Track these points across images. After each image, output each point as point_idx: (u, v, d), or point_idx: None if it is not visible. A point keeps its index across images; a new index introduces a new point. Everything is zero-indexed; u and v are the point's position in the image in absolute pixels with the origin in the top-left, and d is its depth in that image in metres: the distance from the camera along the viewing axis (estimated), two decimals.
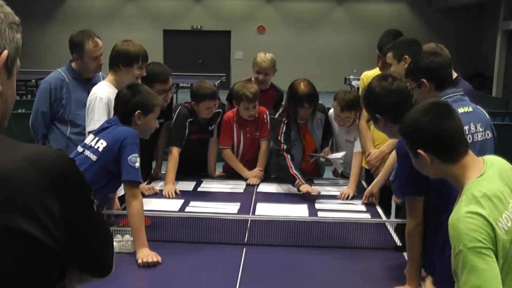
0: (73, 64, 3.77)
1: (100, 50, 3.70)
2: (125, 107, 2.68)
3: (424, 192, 2.17)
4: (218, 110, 3.83)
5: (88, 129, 3.16)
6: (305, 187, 3.43)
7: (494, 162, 1.81)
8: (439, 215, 2.11)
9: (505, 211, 1.65)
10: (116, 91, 3.03)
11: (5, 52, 1.04)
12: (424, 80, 2.62)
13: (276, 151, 3.66)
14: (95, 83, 3.58)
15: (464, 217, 1.61)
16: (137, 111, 2.65)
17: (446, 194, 2.12)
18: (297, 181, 3.46)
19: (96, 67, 3.72)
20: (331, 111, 3.84)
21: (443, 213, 2.12)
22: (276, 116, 3.75)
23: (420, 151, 1.83)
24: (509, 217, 1.65)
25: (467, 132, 2.61)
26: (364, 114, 3.70)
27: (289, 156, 3.59)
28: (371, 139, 3.62)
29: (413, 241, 2.19)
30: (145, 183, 3.58)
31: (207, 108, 3.69)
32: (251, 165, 3.96)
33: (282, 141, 3.63)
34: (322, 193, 3.49)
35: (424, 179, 2.11)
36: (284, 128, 3.65)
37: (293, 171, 3.52)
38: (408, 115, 1.93)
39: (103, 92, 3.20)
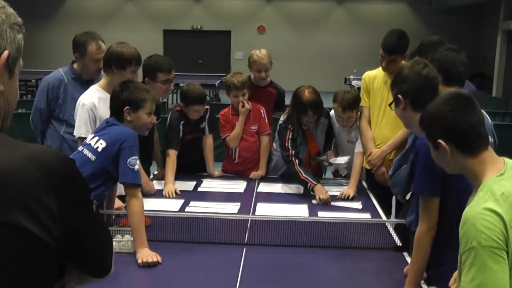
0: (75, 65, 3.79)
1: (102, 53, 3.67)
2: (114, 103, 2.68)
3: (440, 192, 2.13)
4: (205, 107, 3.88)
5: (74, 133, 3.21)
6: (318, 190, 3.42)
7: None
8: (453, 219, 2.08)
9: None
10: (106, 94, 3.04)
11: (6, 52, 1.05)
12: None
13: (285, 157, 3.66)
14: None
15: (481, 214, 1.56)
16: (125, 107, 2.63)
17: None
18: (309, 184, 3.48)
19: (96, 69, 3.72)
20: (333, 111, 3.84)
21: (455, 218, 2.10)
22: (281, 122, 3.75)
23: (440, 141, 1.76)
24: None
25: None
26: (365, 113, 3.70)
27: (297, 161, 3.59)
28: (372, 138, 3.62)
29: (423, 245, 2.13)
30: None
31: (195, 111, 3.77)
32: (249, 163, 4.03)
33: (290, 147, 3.63)
34: None
35: (441, 179, 2.08)
36: (291, 135, 3.66)
37: (304, 176, 3.52)
38: (429, 105, 1.87)
39: (87, 98, 3.21)
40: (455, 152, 1.75)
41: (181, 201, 3.31)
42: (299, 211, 3.21)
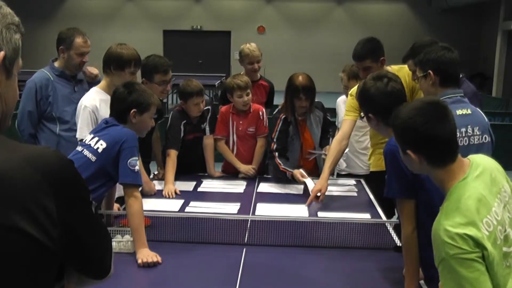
0: (56, 63, 3.83)
1: (88, 47, 3.78)
2: (120, 105, 2.68)
3: (414, 195, 2.14)
4: (207, 108, 3.90)
5: (77, 135, 3.23)
6: (297, 172, 3.58)
7: (480, 163, 1.79)
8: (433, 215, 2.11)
9: (487, 216, 1.63)
10: (107, 96, 3.04)
11: (2, 53, 1.04)
12: (431, 72, 2.65)
13: (269, 150, 3.79)
14: (80, 80, 3.83)
15: (445, 230, 1.61)
16: (133, 110, 2.64)
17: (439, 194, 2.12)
18: (288, 173, 3.62)
19: (79, 63, 3.78)
20: (340, 98, 4.02)
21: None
22: (275, 112, 3.81)
23: (409, 152, 1.80)
24: (491, 222, 1.63)
25: (463, 135, 2.60)
26: (344, 127, 3.44)
27: (277, 153, 3.72)
28: (333, 164, 3.41)
29: (411, 246, 2.16)
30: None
31: (195, 105, 3.76)
32: (248, 163, 4.01)
33: (275, 140, 3.73)
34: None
35: (413, 181, 2.10)
36: (280, 125, 3.73)
37: (282, 167, 3.70)
38: (403, 109, 1.87)
39: (89, 100, 3.24)
40: (423, 162, 1.80)
41: (181, 201, 3.31)
42: (299, 211, 3.21)
